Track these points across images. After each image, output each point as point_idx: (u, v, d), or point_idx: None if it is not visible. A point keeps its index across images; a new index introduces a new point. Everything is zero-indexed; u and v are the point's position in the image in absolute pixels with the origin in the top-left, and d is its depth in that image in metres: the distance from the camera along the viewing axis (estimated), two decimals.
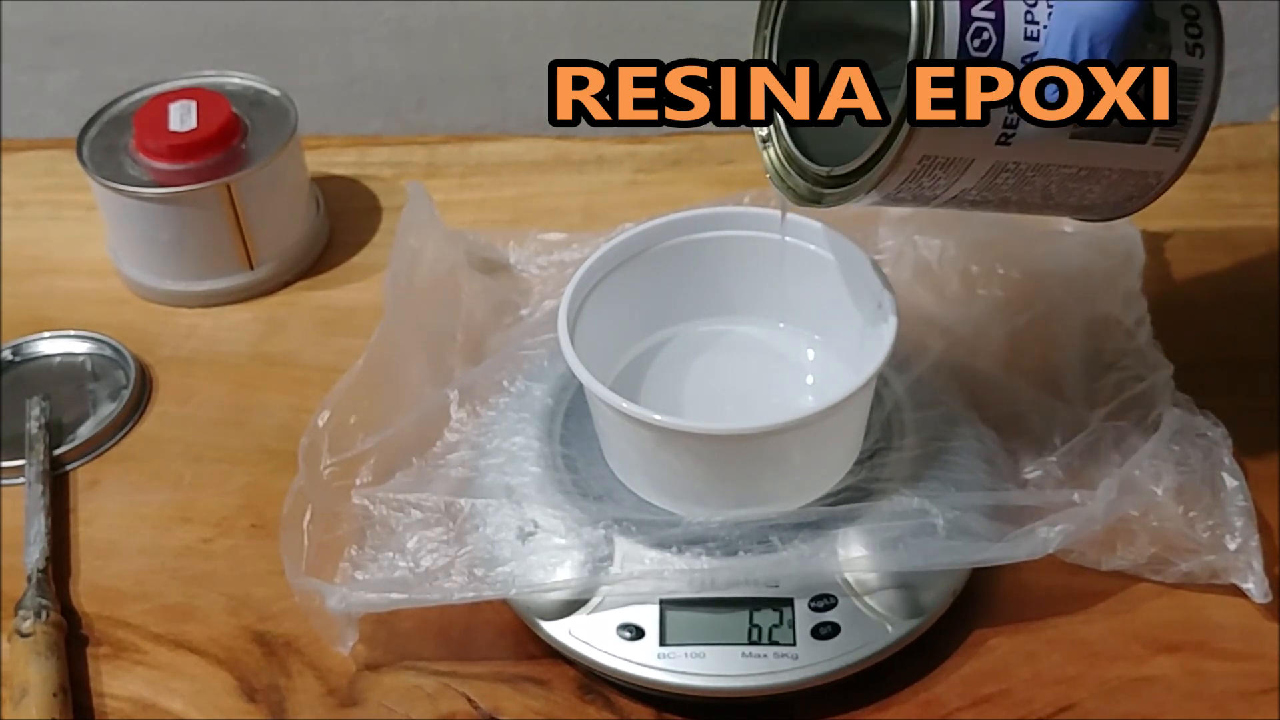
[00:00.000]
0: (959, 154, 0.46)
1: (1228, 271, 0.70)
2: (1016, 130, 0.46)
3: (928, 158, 0.46)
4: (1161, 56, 0.48)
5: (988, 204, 0.50)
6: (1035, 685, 0.53)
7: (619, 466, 0.56)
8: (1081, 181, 0.50)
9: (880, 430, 0.57)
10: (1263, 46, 0.85)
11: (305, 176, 0.76)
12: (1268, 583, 0.53)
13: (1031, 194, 0.50)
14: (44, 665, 0.54)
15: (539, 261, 0.71)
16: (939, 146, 0.46)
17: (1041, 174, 0.48)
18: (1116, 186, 0.51)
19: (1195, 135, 0.50)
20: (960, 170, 0.47)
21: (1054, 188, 0.50)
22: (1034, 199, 0.50)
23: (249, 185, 0.71)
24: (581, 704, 0.53)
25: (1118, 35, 0.44)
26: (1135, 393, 0.60)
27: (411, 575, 0.54)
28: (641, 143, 0.82)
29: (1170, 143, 0.50)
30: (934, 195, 0.48)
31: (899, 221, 0.68)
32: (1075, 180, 0.49)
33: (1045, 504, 0.54)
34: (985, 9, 0.44)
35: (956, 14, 0.43)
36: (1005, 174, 0.48)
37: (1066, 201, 0.51)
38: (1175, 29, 0.48)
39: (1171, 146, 0.50)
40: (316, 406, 0.60)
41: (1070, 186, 0.50)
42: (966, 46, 0.44)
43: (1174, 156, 0.50)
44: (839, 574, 0.53)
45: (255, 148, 0.72)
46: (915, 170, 0.46)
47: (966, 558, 0.53)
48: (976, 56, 0.44)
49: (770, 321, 0.62)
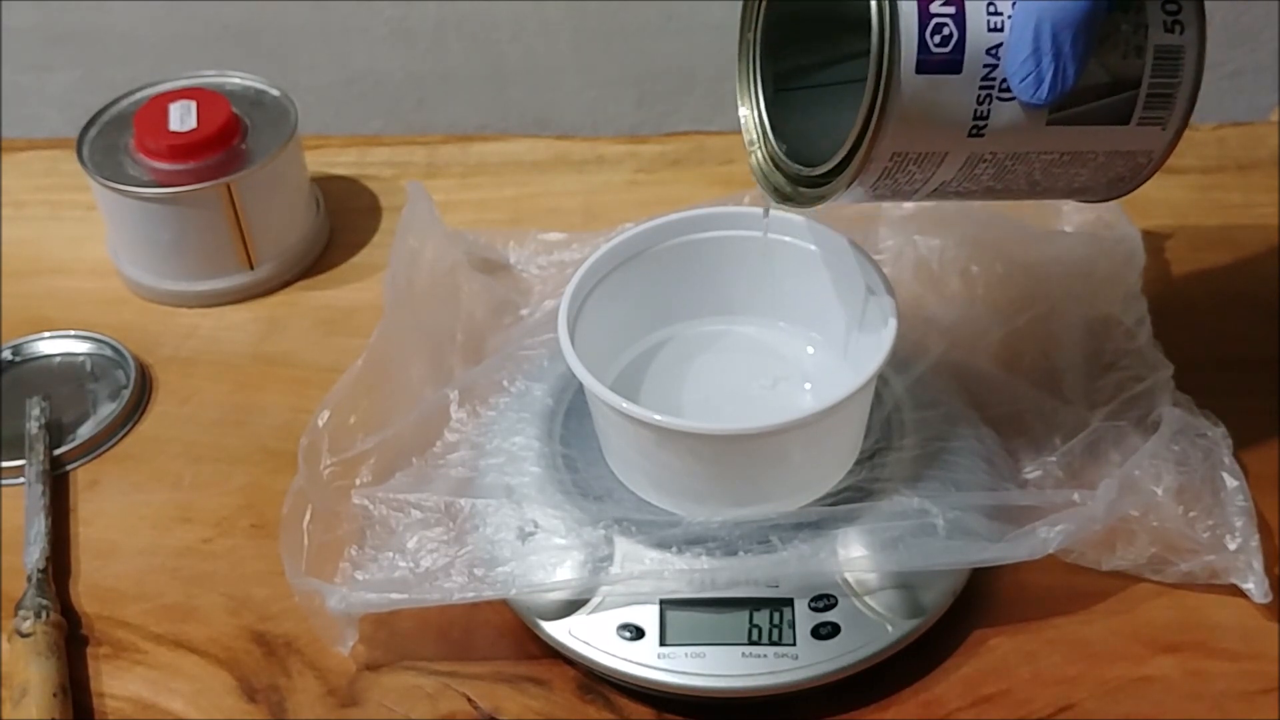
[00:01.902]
0: (931, 149, 0.46)
1: (1228, 271, 0.70)
2: (988, 121, 0.46)
3: (899, 154, 0.46)
4: (1137, 37, 0.47)
5: (972, 194, 0.50)
6: (1035, 685, 0.53)
7: (619, 466, 0.56)
8: (1066, 166, 0.49)
9: (880, 430, 0.57)
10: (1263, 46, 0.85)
11: (305, 176, 0.76)
12: (1268, 583, 0.53)
13: (1016, 181, 0.49)
14: (44, 665, 0.53)
15: (539, 261, 0.71)
16: (909, 143, 0.46)
17: (1022, 162, 0.48)
18: (1105, 168, 0.50)
19: (1182, 112, 0.49)
20: (935, 164, 0.47)
21: (1038, 174, 0.49)
22: (1019, 186, 0.50)
23: (249, 185, 0.71)
24: (581, 704, 0.53)
25: (1080, 23, 0.44)
26: (1135, 393, 0.60)
27: (411, 575, 0.54)
28: (642, 142, 0.82)
29: (1156, 121, 0.49)
30: (913, 189, 0.49)
31: (899, 221, 0.68)
32: (1059, 165, 0.49)
33: (1045, 504, 0.54)
34: (944, 5, 0.44)
35: (914, 12, 0.44)
36: (983, 164, 0.48)
37: (1055, 186, 0.51)
38: (1151, 7, 0.47)
39: (1158, 125, 0.49)
40: (316, 406, 0.60)
41: (1055, 171, 0.49)
42: (926, 44, 0.44)
43: (1161, 135, 0.50)
44: (839, 574, 0.52)
45: (255, 148, 0.72)
46: (888, 167, 0.46)
47: (966, 558, 0.53)
48: (938, 53, 0.44)
49: (770, 321, 0.62)
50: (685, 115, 0.91)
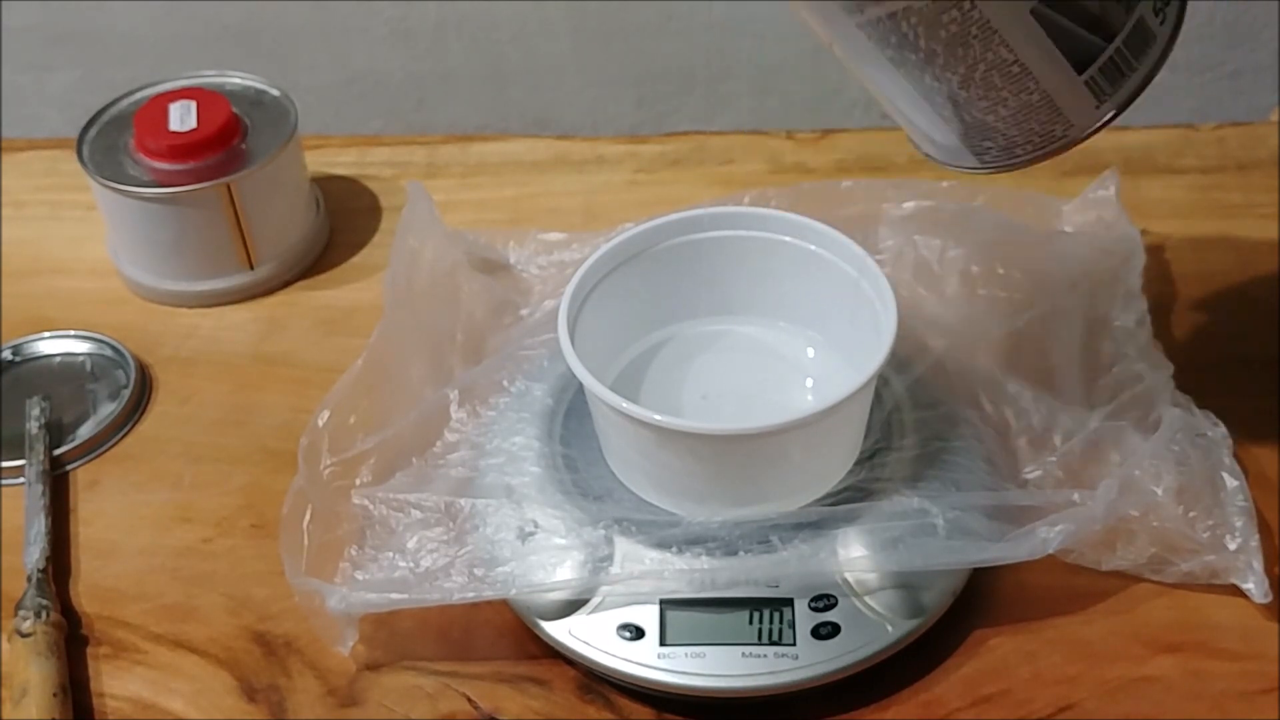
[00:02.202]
0: None
1: (1228, 271, 0.70)
2: None
3: None
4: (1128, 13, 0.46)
5: (905, 47, 0.47)
6: (1035, 685, 0.53)
7: (619, 466, 0.56)
8: (1006, 82, 0.47)
9: (880, 430, 0.57)
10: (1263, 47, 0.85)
11: (305, 176, 0.76)
12: (1268, 583, 0.53)
13: (952, 69, 0.47)
14: (44, 665, 0.54)
15: (539, 261, 0.71)
16: None
17: (983, 40, 0.46)
18: (1027, 114, 0.49)
19: (1121, 99, 0.48)
20: None
21: (978, 74, 0.47)
22: (948, 81, 0.48)
23: (249, 185, 0.71)
24: (581, 704, 0.53)
25: None
26: (1135, 393, 0.60)
27: (411, 575, 0.54)
28: (642, 142, 0.82)
29: (1098, 92, 0.48)
30: None
31: (900, 221, 0.68)
32: (1002, 75, 0.47)
33: (1045, 504, 0.54)
34: None
35: None
36: (953, 13, 0.45)
37: (973, 105, 0.49)
38: None
39: (1095, 97, 0.48)
40: (316, 406, 0.60)
41: (993, 82, 0.47)
42: None
43: (1092, 113, 0.48)
44: (839, 574, 0.52)
45: (255, 148, 0.72)
46: None
47: (966, 558, 0.53)
48: None
49: (770, 321, 0.62)
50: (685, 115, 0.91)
